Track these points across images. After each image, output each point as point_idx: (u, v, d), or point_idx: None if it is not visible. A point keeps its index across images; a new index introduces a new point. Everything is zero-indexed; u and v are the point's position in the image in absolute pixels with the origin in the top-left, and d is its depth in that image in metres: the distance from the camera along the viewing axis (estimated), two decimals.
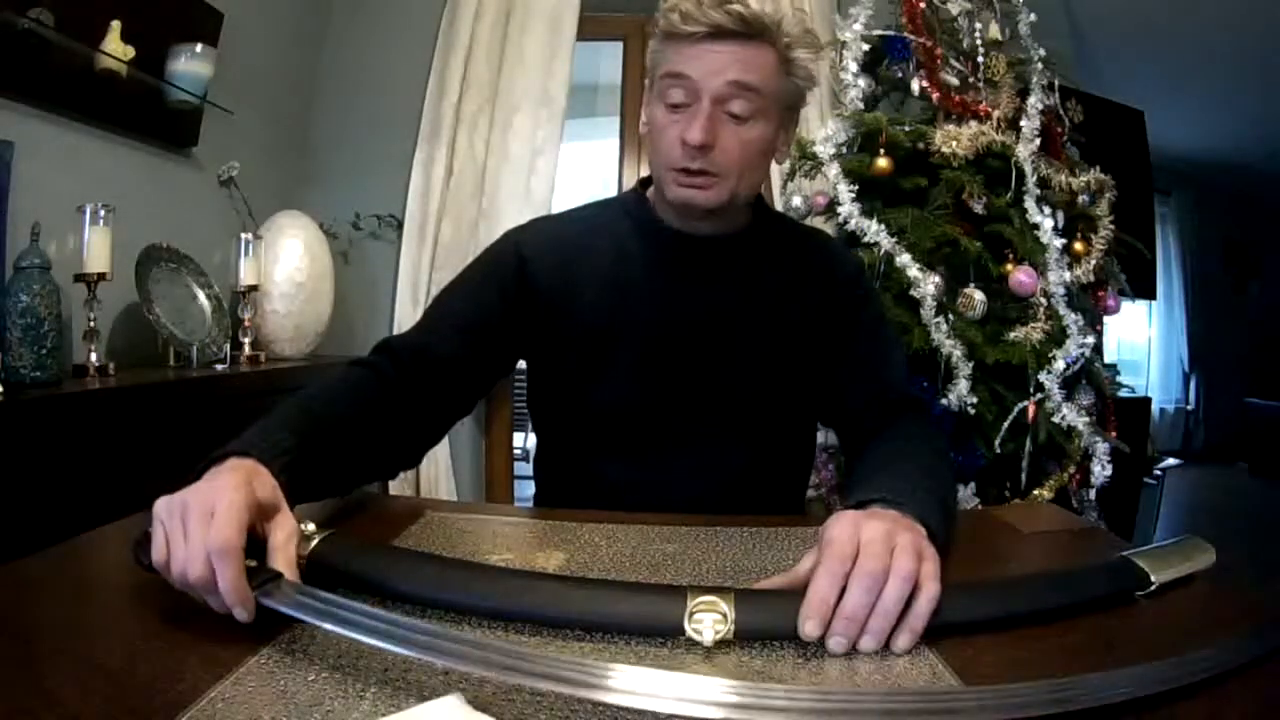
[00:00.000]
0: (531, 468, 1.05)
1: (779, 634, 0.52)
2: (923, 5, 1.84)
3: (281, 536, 0.55)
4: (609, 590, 0.54)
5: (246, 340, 1.97)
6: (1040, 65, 1.84)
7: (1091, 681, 0.43)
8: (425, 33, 2.45)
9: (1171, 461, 3.70)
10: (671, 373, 0.90)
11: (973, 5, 1.87)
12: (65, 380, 1.45)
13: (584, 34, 2.45)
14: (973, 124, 1.75)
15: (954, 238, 1.66)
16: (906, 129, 1.78)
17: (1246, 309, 5.78)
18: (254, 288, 2.01)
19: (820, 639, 0.51)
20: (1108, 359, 2.18)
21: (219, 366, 1.83)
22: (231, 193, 2.18)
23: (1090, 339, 1.68)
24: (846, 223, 1.72)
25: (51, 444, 1.27)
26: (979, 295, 1.65)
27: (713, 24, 0.79)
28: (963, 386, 1.61)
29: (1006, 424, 1.63)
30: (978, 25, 1.86)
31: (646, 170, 0.95)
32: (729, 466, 0.91)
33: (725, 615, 0.50)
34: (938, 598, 0.52)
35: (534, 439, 1.08)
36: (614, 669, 0.41)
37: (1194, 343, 5.70)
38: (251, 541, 0.53)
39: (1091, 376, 1.79)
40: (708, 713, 0.39)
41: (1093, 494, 1.74)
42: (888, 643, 0.51)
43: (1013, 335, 1.65)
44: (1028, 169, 1.71)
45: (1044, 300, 1.68)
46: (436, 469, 2.36)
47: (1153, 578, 0.59)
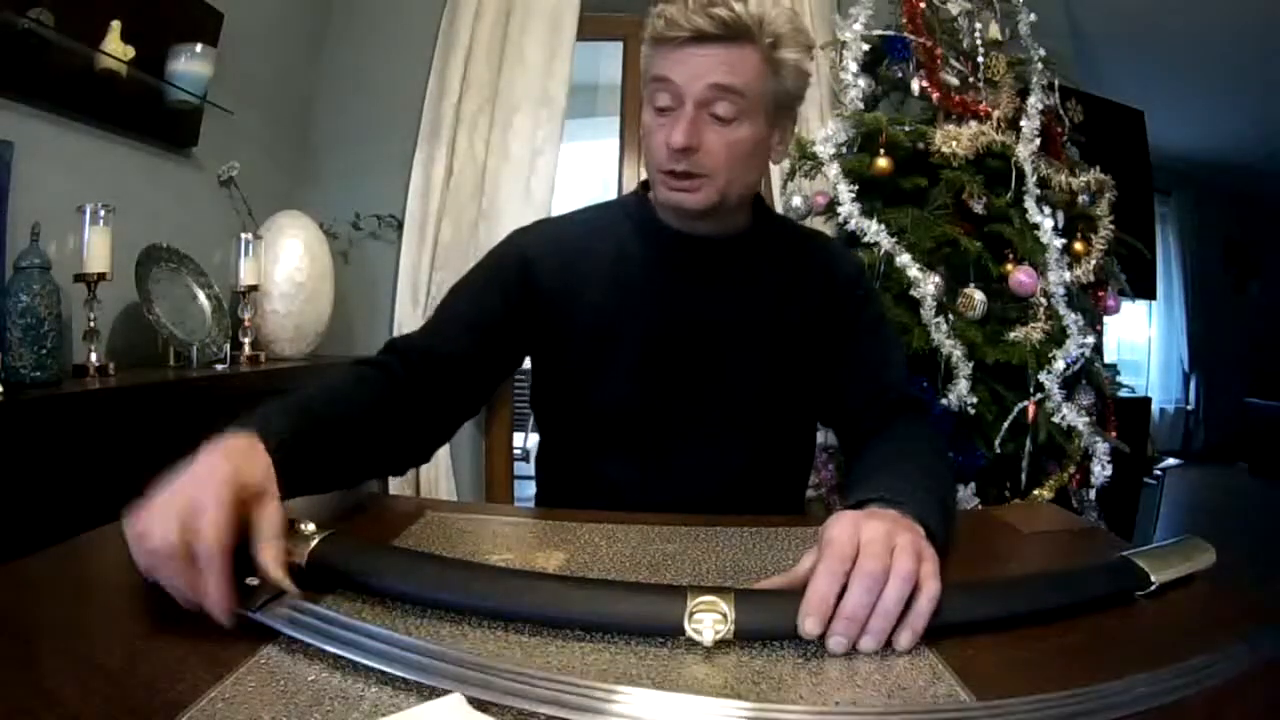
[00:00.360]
0: (533, 467, 1.06)
1: (779, 634, 0.52)
2: (923, 5, 1.84)
3: (268, 529, 0.53)
4: (609, 590, 0.54)
5: (246, 340, 1.97)
6: (1040, 65, 1.84)
7: (1103, 691, 0.42)
8: (425, 33, 2.44)
9: (1171, 461, 3.71)
10: (672, 373, 0.90)
11: (973, 5, 1.87)
12: (65, 380, 1.45)
13: (584, 34, 2.45)
14: (973, 124, 1.75)
15: (954, 238, 1.66)
16: (906, 129, 1.78)
17: (1246, 309, 5.78)
18: (254, 288, 2.01)
19: (820, 638, 0.51)
20: (1108, 359, 2.18)
21: (219, 366, 1.83)
22: (231, 193, 2.17)
23: (1090, 339, 1.68)
24: (846, 223, 1.73)
25: (51, 444, 1.27)
26: (979, 295, 1.66)
27: (695, 28, 0.80)
28: (963, 386, 1.62)
29: (1006, 424, 1.63)
30: (978, 25, 1.86)
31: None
32: (729, 466, 0.92)
33: (725, 615, 0.50)
34: (938, 597, 0.52)
35: (536, 438, 1.08)
36: (619, 691, 0.41)
37: (1194, 343, 5.70)
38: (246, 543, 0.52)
39: (1091, 376, 1.79)
40: None
41: (1093, 494, 1.74)
42: (888, 642, 0.51)
43: (1013, 335, 1.65)
44: (1028, 169, 1.71)
45: (1044, 300, 1.68)
46: (436, 469, 2.36)
47: (1153, 578, 0.59)
